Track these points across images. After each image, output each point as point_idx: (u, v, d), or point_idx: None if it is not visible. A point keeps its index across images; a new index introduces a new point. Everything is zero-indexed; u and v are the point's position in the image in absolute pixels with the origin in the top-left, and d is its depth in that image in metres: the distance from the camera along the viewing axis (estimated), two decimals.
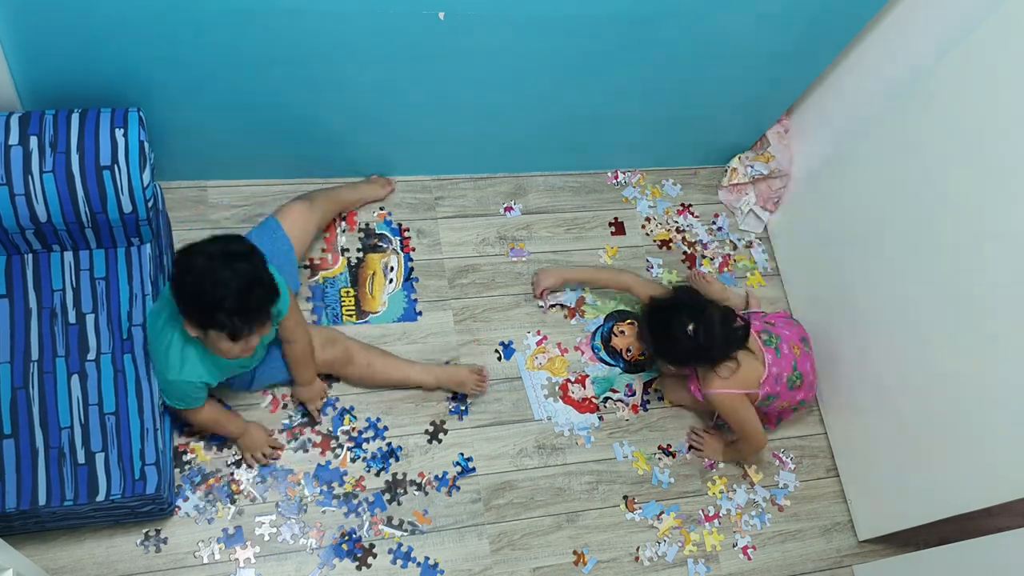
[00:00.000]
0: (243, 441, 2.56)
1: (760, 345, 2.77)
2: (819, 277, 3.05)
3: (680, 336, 2.63)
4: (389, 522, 2.64)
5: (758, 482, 2.94)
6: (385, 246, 2.98)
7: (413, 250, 2.99)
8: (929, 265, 2.54)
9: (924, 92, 2.49)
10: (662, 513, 2.83)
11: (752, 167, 3.26)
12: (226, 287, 2.03)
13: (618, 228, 3.23)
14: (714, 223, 3.33)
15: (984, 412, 2.41)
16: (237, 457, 2.59)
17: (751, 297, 3.16)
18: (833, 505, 2.99)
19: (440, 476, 2.72)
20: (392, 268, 2.96)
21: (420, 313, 2.91)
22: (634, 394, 2.98)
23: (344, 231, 2.96)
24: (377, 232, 2.99)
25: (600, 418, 2.92)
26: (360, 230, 2.98)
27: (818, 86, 3.10)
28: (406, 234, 3.01)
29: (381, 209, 3.01)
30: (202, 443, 2.60)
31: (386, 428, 2.74)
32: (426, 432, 2.76)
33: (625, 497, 2.83)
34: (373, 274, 2.93)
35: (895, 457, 2.75)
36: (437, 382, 2.77)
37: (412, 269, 2.96)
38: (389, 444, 2.73)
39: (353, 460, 2.68)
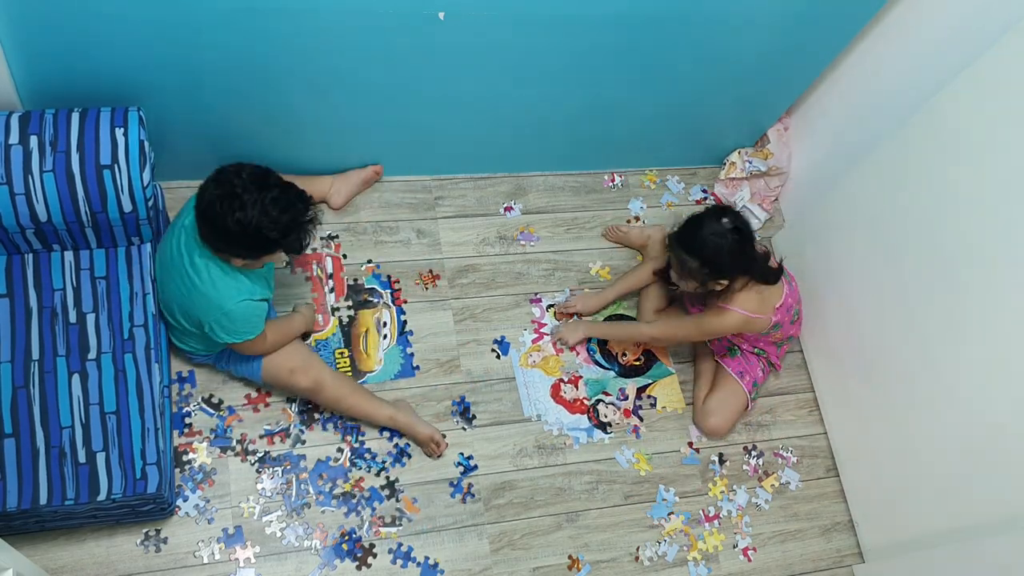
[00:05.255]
0: (308, 323, 2.70)
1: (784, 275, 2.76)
2: (820, 281, 3.03)
3: (718, 233, 2.53)
4: (390, 522, 2.64)
5: (766, 486, 2.95)
6: (376, 300, 2.92)
7: (405, 302, 2.94)
8: (931, 272, 2.55)
9: (931, 115, 2.48)
10: (671, 514, 2.84)
11: (751, 163, 3.26)
12: (284, 225, 2.12)
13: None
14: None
15: (986, 416, 2.41)
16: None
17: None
18: (833, 505, 2.99)
19: (441, 476, 2.72)
20: (385, 323, 2.89)
21: (418, 367, 2.86)
22: (626, 398, 2.98)
23: (332, 290, 2.90)
24: (366, 287, 2.93)
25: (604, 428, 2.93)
26: (348, 286, 2.92)
27: (818, 86, 3.11)
28: (396, 286, 2.96)
29: (369, 262, 2.96)
30: (204, 444, 2.60)
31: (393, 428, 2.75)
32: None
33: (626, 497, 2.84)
34: (366, 331, 2.87)
35: (896, 458, 2.75)
36: (394, 425, 2.70)
37: (406, 323, 2.91)
38: (397, 445, 2.73)
39: (353, 461, 2.69)
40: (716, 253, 2.54)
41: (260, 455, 2.63)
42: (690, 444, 2.96)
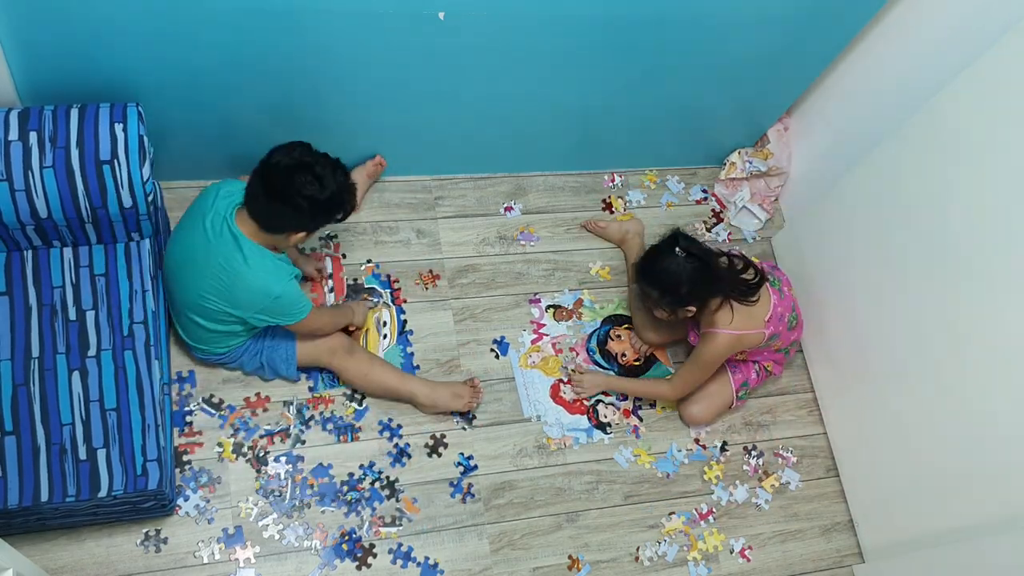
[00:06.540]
0: (357, 320, 2.76)
1: (767, 286, 2.74)
2: (820, 281, 3.03)
3: (675, 263, 2.54)
4: (390, 522, 2.63)
5: (766, 486, 2.95)
6: (376, 300, 2.91)
7: (405, 301, 2.93)
8: (931, 272, 2.54)
9: (931, 115, 2.48)
10: (672, 513, 2.84)
11: (751, 163, 3.27)
12: (349, 192, 2.31)
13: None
14: (711, 220, 3.35)
15: (986, 416, 2.41)
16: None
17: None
18: (833, 505, 2.98)
19: (441, 476, 2.72)
20: (385, 323, 2.88)
21: (418, 367, 2.85)
22: (626, 398, 2.98)
23: (331, 290, 2.88)
24: (366, 286, 2.92)
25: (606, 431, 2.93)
26: (348, 286, 2.91)
27: (818, 86, 3.11)
28: (396, 286, 2.95)
29: (368, 262, 2.96)
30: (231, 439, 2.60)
31: (400, 426, 2.74)
32: (427, 446, 2.76)
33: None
34: (366, 331, 2.85)
35: (896, 458, 2.75)
36: (433, 396, 2.72)
37: (406, 322, 2.90)
38: (397, 445, 2.72)
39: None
40: (674, 283, 2.57)
41: (260, 455, 2.62)
42: (696, 440, 2.96)
